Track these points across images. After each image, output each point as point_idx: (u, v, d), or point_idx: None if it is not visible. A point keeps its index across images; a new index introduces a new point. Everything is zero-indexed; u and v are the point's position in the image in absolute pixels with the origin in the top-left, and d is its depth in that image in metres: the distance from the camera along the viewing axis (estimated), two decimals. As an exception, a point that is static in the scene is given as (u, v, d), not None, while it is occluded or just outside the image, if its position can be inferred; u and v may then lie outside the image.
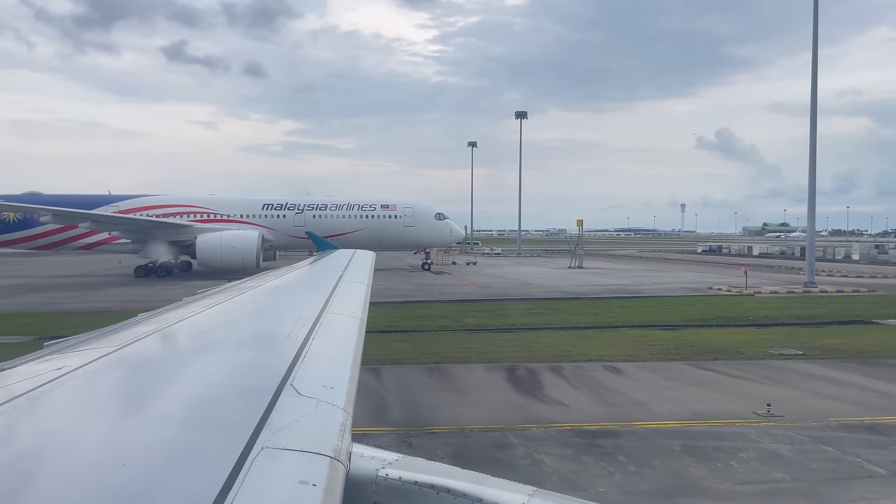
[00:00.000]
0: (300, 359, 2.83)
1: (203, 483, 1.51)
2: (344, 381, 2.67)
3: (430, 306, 26.26)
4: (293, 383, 2.42)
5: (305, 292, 6.38)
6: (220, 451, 1.73)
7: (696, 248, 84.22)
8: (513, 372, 14.61)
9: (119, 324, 4.03)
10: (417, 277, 40.29)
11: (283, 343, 3.25)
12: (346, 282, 6.36)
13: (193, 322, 4.05)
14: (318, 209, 43.06)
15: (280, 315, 4.71)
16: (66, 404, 2.19)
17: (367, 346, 12.54)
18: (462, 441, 9.69)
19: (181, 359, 3.26)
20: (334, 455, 1.79)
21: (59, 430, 1.93)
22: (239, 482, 1.50)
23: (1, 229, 39.64)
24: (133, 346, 3.13)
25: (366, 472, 2.16)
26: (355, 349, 3.40)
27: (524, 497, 2.02)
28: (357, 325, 4.07)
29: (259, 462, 1.63)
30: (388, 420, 10.84)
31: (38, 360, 2.83)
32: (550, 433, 10.06)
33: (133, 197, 42.12)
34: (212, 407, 2.27)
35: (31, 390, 2.17)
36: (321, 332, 3.53)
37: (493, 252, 73.98)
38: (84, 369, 2.54)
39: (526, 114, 76.27)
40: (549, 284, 35.14)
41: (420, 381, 13.90)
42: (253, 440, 1.76)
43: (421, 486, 2.12)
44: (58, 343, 3.36)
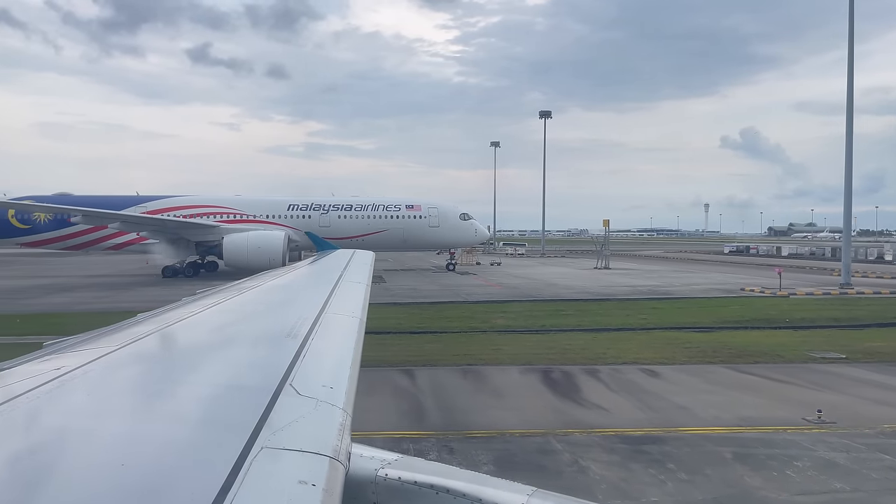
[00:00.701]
0: (300, 359, 2.81)
1: (202, 483, 1.50)
2: (343, 381, 2.64)
3: (458, 307, 26.02)
4: (293, 383, 2.40)
5: (305, 292, 6.35)
6: (219, 451, 1.72)
7: (724, 249, 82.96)
8: (548, 374, 14.34)
9: (118, 324, 4.01)
10: (443, 278, 40.10)
11: (283, 343, 3.22)
12: (345, 282, 6.31)
13: (193, 322, 4.03)
14: (343, 209, 43.04)
15: (279, 315, 4.68)
16: (65, 404, 2.17)
17: (397, 348, 12.43)
18: (504, 446, 9.44)
19: (180, 359, 3.25)
20: (334, 455, 1.78)
21: (58, 430, 1.92)
22: (238, 482, 1.49)
23: (33, 230, 40.24)
24: (132, 346, 3.10)
25: (365, 472, 2.16)
26: (355, 349, 3.38)
27: (523, 497, 2.01)
28: (357, 325, 4.04)
29: (258, 462, 1.63)
30: (425, 424, 10.63)
31: (37, 360, 2.81)
32: (594, 439, 9.78)
33: (161, 198, 42.45)
34: (211, 407, 2.27)
35: (30, 390, 2.15)
36: (321, 332, 3.52)
37: (517, 252, 73.54)
38: (83, 369, 2.53)
39: (550, 113, 75.70)
40: (576, 285, 34.72)
41: (454, 383, 13.68)
42: (252, 440, 1.76)
43: (420, 486, 2.12)
44: (57, 343, 3.34)
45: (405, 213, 43.37)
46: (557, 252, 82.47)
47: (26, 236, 41.05)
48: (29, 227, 40.28)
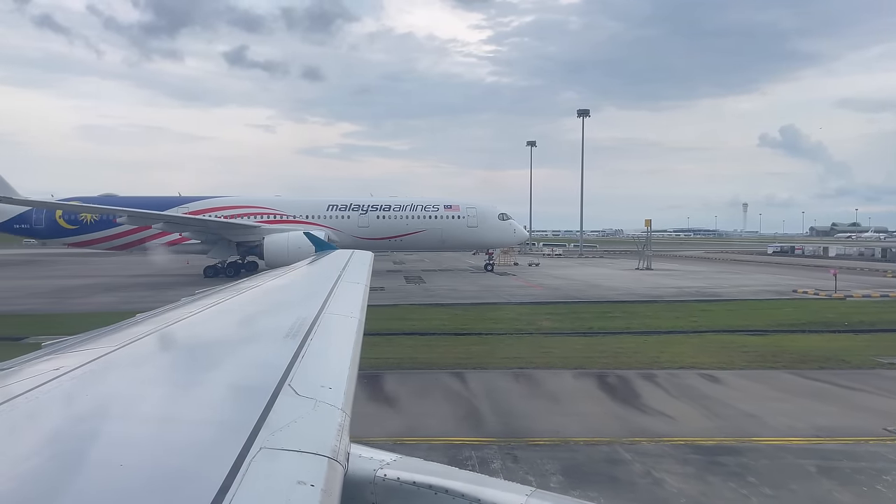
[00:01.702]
0: (298, 359, 2.80)
1: (201, 483, 1.49)
2: (342, 382, 2.64)
3: (502, 308, 25.64)
4: (291, 383, 2.39)
5: (304, 292, 6.31)
6: (218, 451, 1.72)
7: (767, 250, 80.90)
8: (603, 379, 13.89)
9: (117, 324, 3.99)
10: (481, 279, 39.72)
11: (282, 343, 3.19)
12: (344, 282, 6.26)
13: (192, 322, 4.01)
14: (382, 210, 42.99)
15: (278, 315, 4.64)
16: (64, 405, 2.16)
17: (444, 349, 12.10)
18: (570, 455, 9.06)
19: (179, 359, 3.25)
20: (332, 455, 1.78)
21: (57, 430, 1.91)
22: (237, 482, 1.49)
23: (80, 230, 41.04)
24: (131, 347, 3.09)
25: (364, 472, 2.15)
26: (354, 349, 3.37)
27: (522, 497, 2.00)
28: (356, 326, 4.01)
29: (257, 462, 1.63)
30: (484, 430, 10.30)
31: (36, 360, 2.81)
32: (664, 448, 9.34)
33: (202, 198, 42.94)
34: (210, 407, 2.26)
35: (29, 390, 2.15)
36: (320, 333, 3.50)
37: (554, 253, 72.73)
38: (82, 369, 2.53)
39: (588, 112, 74.36)
40: (620, 286, 34.03)
41: (507, 387, 13.33)
42: (251, 440, 1.76)
43: (419, 486, 2.11)
44: (56, 343, 3.31)
45: (443, 213, 43.16)
46: (594, 252, 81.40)
47: (73, 236, 41.90)
48: (76, 228, 41.10)
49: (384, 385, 13.32)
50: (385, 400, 12.23)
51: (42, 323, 21.03)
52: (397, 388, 13.05)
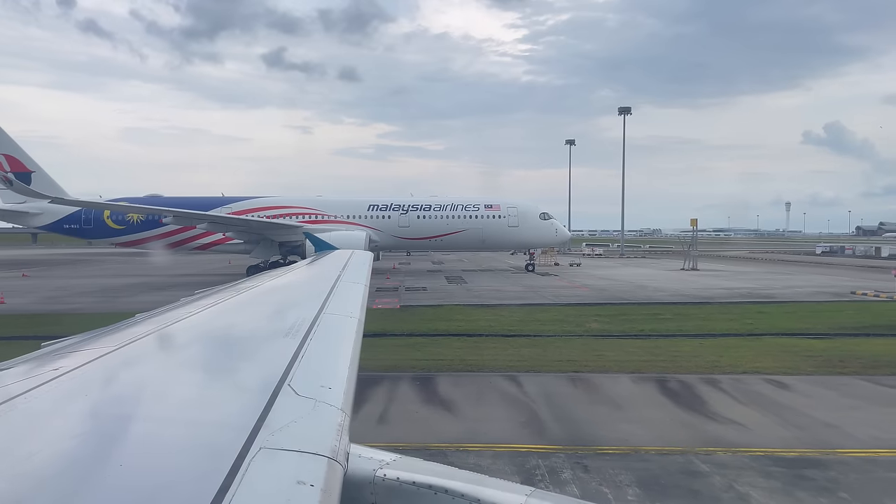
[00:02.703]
0: (298, 359, 2.80)
1: (201, 483, 1.49)
2: (342, 382, 2.61)
3: (548, 310, 25.13)
4: (291, 384, 2.38)
5: (303, 292, 6.25)
6: (217, 452, 1.71)
7: (815, 250, 78.52)
8: (664, 384, 13.37)
9: (116, 324, 3.96)
10: (524, 279, 39.19)
11: (281, 343, 3.18)
12: (343, 282, 6.20)
13: (191, 322, 3.99)
14: (423, 209, 42.75)
15: (278, 315, 4.64)
16: (63, 405, 2.15)
17: (494, 351, 11.70)
18: (643, 465, 8.61)
19: (178, 359, 3.21)
20: (332, 455, 1.78)
21: (56, 430, 1.90)
22: (237, 482, 1.49)
23: (127, 230, 41.74)
24: (130, 347, 3.08)
25: (364, 472, 2.16)
26: (353, 349, 3.34)
27: (522, 497, 2.00)
28: (355, 326, 3.97)
29: (257, 462, 1.62)
30: (548, 437, 9.90)
31: (35, 360, 2.80)
32: (742, 459, 8.82)
33: (245, 199, 43.27)
34: (209, 407, 2.25)
35: (28, 391, 2.14)
36: (319, 333, 3.48)
37: (595, 253, 71.67)
38: (81, 370, 2.52)
39: (629, 109, 72.99)
40: (667, 287, 33.18)
41: (565, 391, 12.89)
42: (251, 440, 1.75)
43: (419, 486, 2.11)
44: (55, 343, 3.29)
45: (484, 212, 42.72)
46: (635, 252, 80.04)
47: (120, 236, 42.61)
48: (123, 228, 41.79)
49: (437, 388, 13.01)
50: (440, 403, 11.92)
51: (91, 322, 21.26)
52: (451, 391, 12.74)
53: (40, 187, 37.60)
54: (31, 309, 25.15)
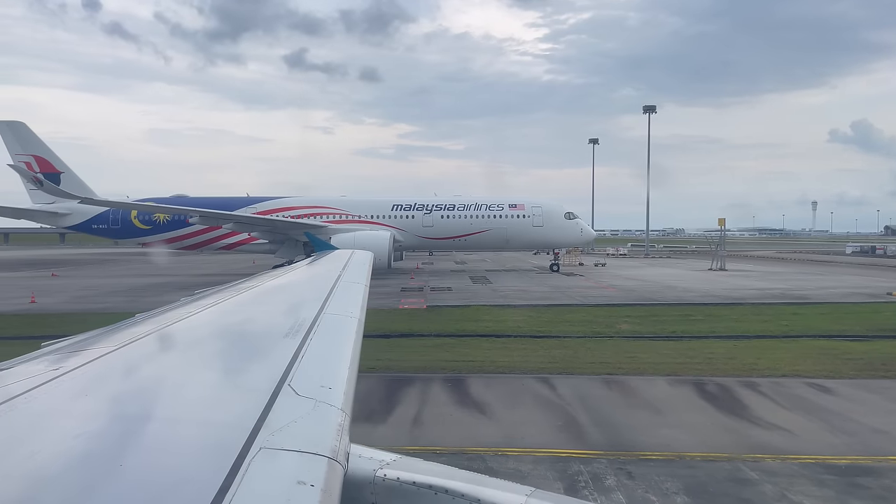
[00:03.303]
0: (298, 359, 2.79)
1: (201, 483, 1.48)
2: (342, 382, 2.60)
3: (577, 310, 24.81)
4: (291, 384, 2.38)
5: (303, 292, 6.18)
6: (217, 452, 1.71)
7: (845, 249, 77.01)
8: (702, 387, 13.05)
9: (117, 324, 3.95)
10: (549, 279, 38.84)
11: (281, 343, 3.17)
12: (344, 282, 6.17)
13: (191, 322, 3.99)
14: (446, 209, 42.62)
15: (278, 315, 4.60)
16: (63, 405, 2.14)
17: (523, 353, 11.44)
18: (689, 472, 8.34)
19: (179, 359, 3.18)
20: (332, 455, 1.78)
21: (56, 430, 1.89)
22: (237, 482, 1.48)
23: (153, 230, 42.15)
24: (130, 347, 3.08)
25: (364, 472, 2.16)
26: (353, 350, 3.33)
27: (522, 497, 2.00)
28: (355, 326, 3.95)
29: (257, 462, 1.62)
30: (588, 441, 9.66)
31: (35, 360, 2.79)
32: (792, 467, 8.52)
33: (270, 199, 43.47)
34: (209, 407, 2.24)
35: (28, 391, 2.14)
36: (319, 333, 3.47)
37: (619, 253, 70.96)
38: (82, 370, 2.51)
39: (654, 108, 71.92)
40: (697, 288, 32.65)
41: (600, 394, 12.63)
42: (251, 440, 1.75)
43: (419, 486, 2.11)
44: (56, 343, 3.28)
45: (508, 212, 42.48)
46: (660, 252, 79.15)
47: (147, 236, 43.06)
48: (150, 228, 42.23)
49: (469, 389, 12.83)
50: (474, 405, 11.73)
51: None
52: (483, 393, 12.54)
53: (69, 188, 38.09)
54: (61, 308, 25.42)
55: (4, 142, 43.15)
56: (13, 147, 42.94)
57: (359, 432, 8.13)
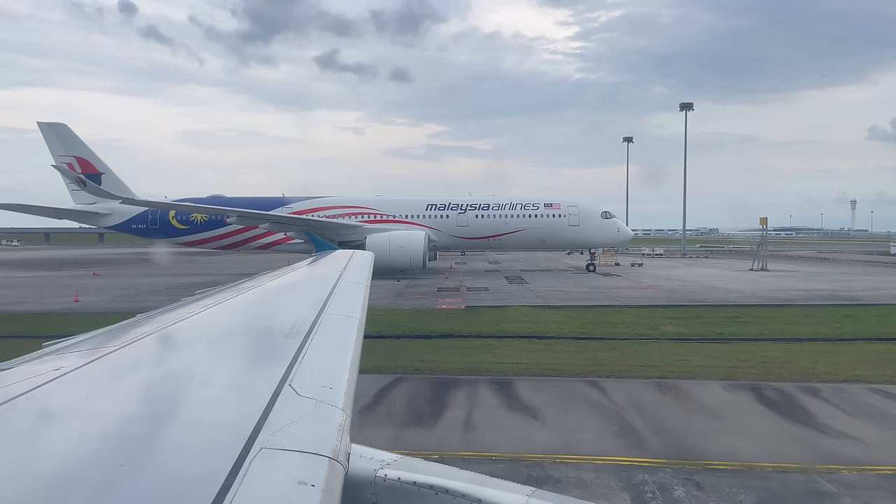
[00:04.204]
0: (299, 359, 2.78)
1: (201, 483, 1.48)
2: (343, 382, 2.58)
3: (618, 311, 24.30)
4: (292, 384, 2.37)
5: (304, 293, 6.15)
6: (218, 452, 1.71)
7: (889, 249, 74.68)
8: (760, 392, 12.54)
9: (117, 324, 3.94)
10: (586, 279, 38.27)
11: (282, 343, 3.16)
12: (344, 282, 6.13)
13: (192, 322, 3.97)
14: (481, 209, 42.35)
15: (278, 315, 4.56)
16: (64, 405, 2.13)
17: (568, 354, 11.02)
18: (762, 484, 7.92)
19: (179, 359, 3.17)
20: (333, 455, 1.77)
21: (57, 430, 1.89)
22: (237, 482, 1.48)
23: (191, 230, 42.63)
24: (131, 347, 3.07)
25: (365, 472, 2.17)
26: (354, 350, 3.31)
27: (523, 497, 2.01)
28: (356, 326, 3.94)
29: (257, 462, 1.62)
30: (648, 449, 9.28)
31: (36, 360, 2.77)
32: (870, 479, 8.05)
33: (305, 199, 43.65)
34: (210, 407, 2.23)
35: (29, 391, 2.13)
36: (320, 333, 3.45)
37: (654, 252, 69.84)
38: (82, 370, 2.51)
39: (691, 105, 70.64)
40: (740, 289, 31.83)
41: (653, 398, 12.21)
42: (251, 440, 1.74)
43: (420, 486, 2.12)
44: (56, 343, 3.25)
45: (543, 211, 42.04)
46: (696, 252, 77.74)
47: (185, 236, 43.59)
48: (187, 228, 42.73)
49: (518, 393, 12.52)
50: (525, 409, 11.42)
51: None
52: (532, 397, 12.22)
53: (109, 188, 38.71)
54: (105, 307, 25.73)
55: (47, 143, 44.06)
56: (55, 148, 43.83)
57: (410, 437, 7.87)
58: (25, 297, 30.79)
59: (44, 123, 44.16)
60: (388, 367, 14.58)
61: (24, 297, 30.77)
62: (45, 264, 60.41)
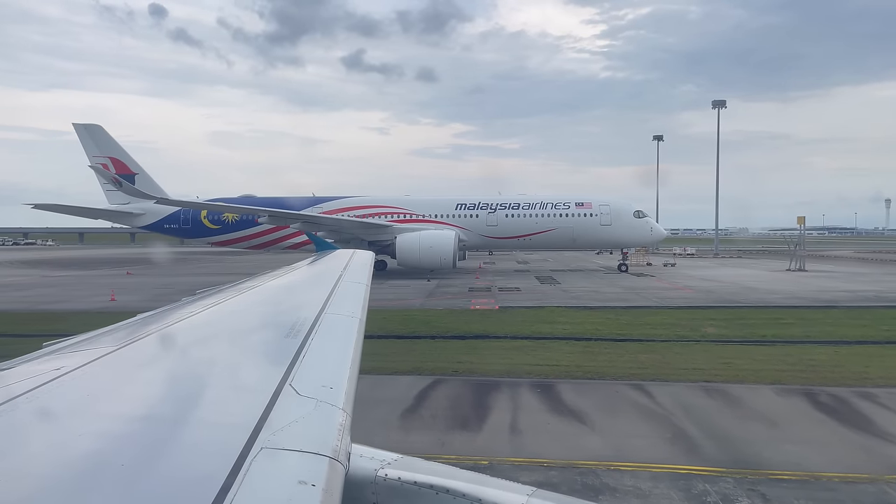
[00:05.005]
0: (299, 359, 2.78)
1: (202, 483, 1.49)
2: (343, 382, 2.56)
3: (656, 313, 23.83)
4: (292, 383, 2.36)
5: (304, 292, 6.16)
6: (218, 451, 1.71)
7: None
8: (814, 397, 12.09)
9: (118, 324, 3.92)
10: (619, 280, 37.71)
11: (282, 343, 3.17)
12: (345, 282, 6.13)
13: (192, 322, 3.97)
14: (511, 208, 42.01)
15: (279, 315, 4.56)
16: (64, 404, 2.11)
17: (608, 357, 10.69)
18: (830, 495, 7.54)
19: (180, 359, 3.17)
20: (333, 455, 1.77)
21: (57, 430, 1.88)
22: (238, 482, 1.48)
23: (222, 229, 42.98)
24: (132, 347, 3.08)
25: (365, 472, 2.16)
26: (355, 349, 3.31)
27: (523, 497, 2.00)
28: (356, 326, 3.94)
29: (258, 462, 1.62)
30: (705, 457, 8.93)
31: (36, 360, 2.78)
32: (947, 492, 7.62)
33: (335, 198, 43.74)
34: (210, 407, 2.24)
35: (30, 390, 2.13)
36: (320, 333, 3.44)
37: (686, 252, 68.76)
38: (83, 369, 2.51)
39: (724, 102, 69.34)
40: (780, 290, 31.05)
41: (703, 403, 11.82)
42: (252, 440, 1.74)
43: (420, 486, 2.11)
44: (57, 343, 3.25)
45: (575, 210, 41.55)
46: (728, 252, 76.38)
47: (216, 236, 43.97)
48: (219, 228, 43.10)
49: (561, 396, 12.23)
50: (571, 414, 11.13)
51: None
52: (577, 400, 11.91)
53: (143, 189, 39.13)
54: (141, 307, 25.90)
55: (83, 144, 44.76)
56: (91, 149, 44.50)
57: (456, 441, 7.59)
58: (64, 296, 31.26)
59: (79, 125, 44.87)
60: (427, 369, 14.39)
61: (62, 296, 31.25)
62: (79, 263, 61.45)
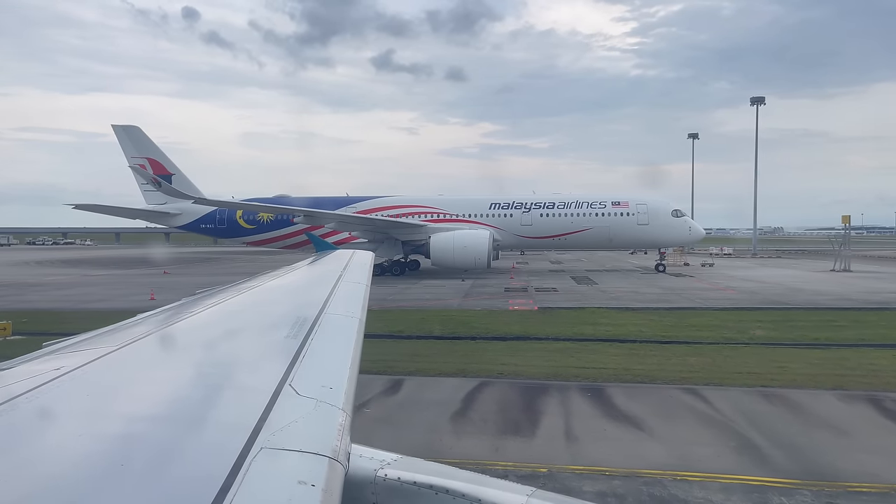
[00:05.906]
0: (299, 359, 2.77)
1: (202, 483, 1.49)
2: (343, 382, 2.56)
3: (700, 314, 23.25)
4: (292, 383, 2.36)
5: (304, 292, 6.13)
6: (218, 451, 1.71)
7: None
8: (880, 404, 11.57)
9: (118, 324, 3.90)
10: (657, 280, 37.02)
11: (282, 343, 3.16)
12: (345, 282, 6.12)
13: (192, 322, 3.97)
14: (545, 207, 41.54)
15: (279, 315, 4.48)
16: (64, 404, 2.12)
17: (657, 359, 10.17)
18: (918, 511, 7.12)
19: (180, 359, 3.16)
20: (333, 455, 1.77)
21: (57, 430, 1.89)
22: (238, 482, 1.48)
23: (257, 229, 43.28)
24: (132, 347, 3.06)
25: (365, 472, 2.17)
26: (355, 350, 3.29)
27: (523, 497, 2.00)
28: (356, 326, 3.92)
29: (258, 462, 1.61)
30: (777, 467, 8.51)
31: (36, 360, 2.77)
32: None
33: (369, 198, 43.75)
34: (210, 407, 2.22)
35: (29, 390, 2.12)
36: (320, 333, 3.44)
37: (723, 252, 67.42)
38: (83, 369, 2.50)
39: (763, 99, 67.94)
40: (827, 291, 30.15)
41: (763, 409, 11.36)
42: (252, 440, 1.74)
43: (420, 486, 2.12)
44: (57, 343, 3.24)
45: (611, 209, 40.93)
46: (767, 252, 74.78)
47: (251, 235, 44.32)
48: (254, 228, 43.42)
49: (613, 401, 11.87)
50: (626, 420, 10.77)
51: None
52: (630, 405, 11.55)
53: (180, 189, 39.55)
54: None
55: (121, 145, 45.47)
56: (129, 150, 45.17)
57: (510, 448, 7.27)
58: (105, 294, 31.73)
59: (118, 126, 45.58)
60: (471, 371, 14.14)
61: (103, 294, 31.71)
62: (117, 263, 62.52)
